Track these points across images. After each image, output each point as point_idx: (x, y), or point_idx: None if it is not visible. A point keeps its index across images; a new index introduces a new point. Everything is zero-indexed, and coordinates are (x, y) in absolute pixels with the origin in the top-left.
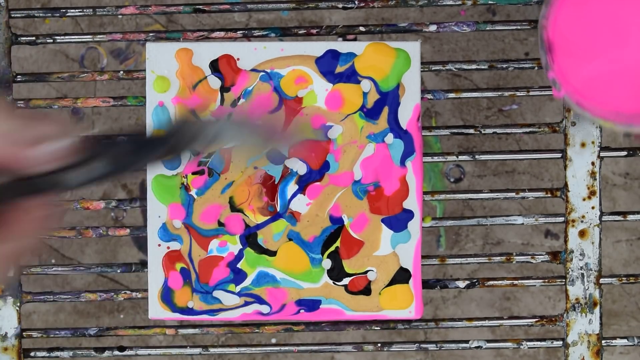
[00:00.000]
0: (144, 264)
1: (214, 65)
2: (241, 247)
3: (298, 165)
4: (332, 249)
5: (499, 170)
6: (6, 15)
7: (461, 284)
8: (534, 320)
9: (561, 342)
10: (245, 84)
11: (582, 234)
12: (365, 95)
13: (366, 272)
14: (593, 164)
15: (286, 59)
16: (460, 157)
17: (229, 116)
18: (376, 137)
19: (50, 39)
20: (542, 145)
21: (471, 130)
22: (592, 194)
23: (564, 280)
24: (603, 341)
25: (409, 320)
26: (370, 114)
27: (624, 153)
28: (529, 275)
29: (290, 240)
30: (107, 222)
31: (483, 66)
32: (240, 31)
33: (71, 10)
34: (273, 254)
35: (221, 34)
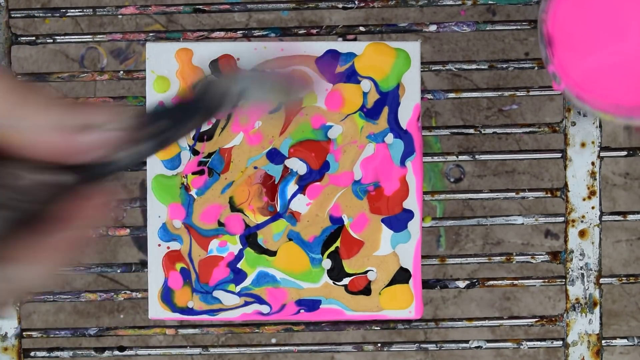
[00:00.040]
0: (144, 264)
1: (214, 65)
2: (241, 247)
3: (298, 165)
4: (332, 249)
5: (499, 170)
6: (6, 15)
7: (461, 284)
8: (534, 320)
9: (561, 342)
10: None
11: (582, 234)
12: (365, 95)
13: (366, 272)
14: (593, 164)
15: (286, 59)
16: (460, 157)
17: (250, 71)
18: (376, 137)
19: (50, 39)
20: (542, 145)
21: (471, 130)
22: (592, 194)
23: (564, 280)
24: (603, 341)
25: (409, 320)
26: (370, 114)
27: (624, 153)
28: (529, 275)
29: (290, 240)
30: (107, 222)
31: (483, 66)
32: (240, 31)
33: (71, 10)
34: (273, 254)
35: (221, 34)
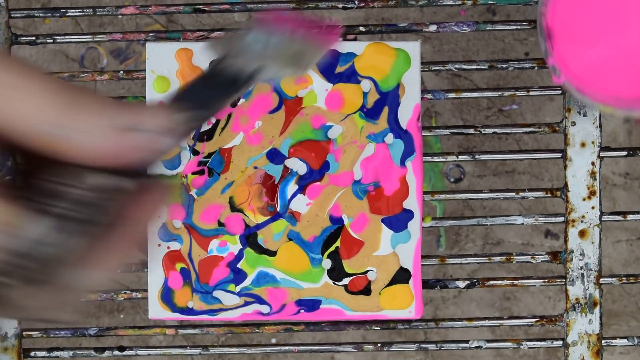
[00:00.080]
0: (144, 264)
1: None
2: (241, 247)
3: (298, 165)
4: (332, 249)
5: (499, 170)
6: (6, 15)
7: (461, 284)
8: (534, 320)
9: (561, 342)
10: None
11: (582, 234)
12: (365, 95)
13: (366, 272)
14: (593, 164)
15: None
16: (460, 157)
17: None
18: (376, 137)
19: (50, 39)
20: (542, 145)
21: (471, 130)
22: (592, 194)
23: (564, 280)
24: (603, 341)
25: (409, 320)
26: (370, 114)
27: (624, 153)
28: (529, 275)
29: (290, 240)
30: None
31: (483, 66)
32: None
33: (71, 10)
34: (273, 254)
35: (221, 34)
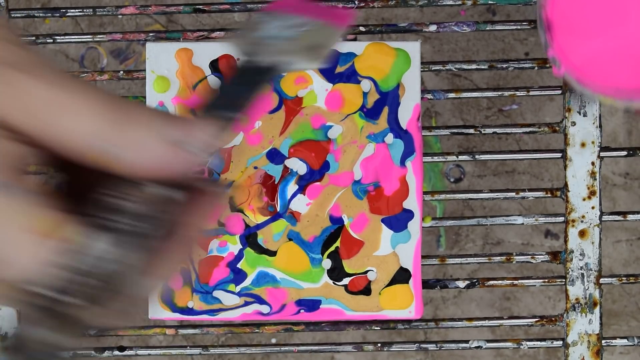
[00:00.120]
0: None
1: (214, 65)
2: (241, 247)
3: (298, 165)
4: (332, 249)
5: (499, 170)
6: (6, 15)
7: (461, 284)
8: (534, 320)
9: (561, 342)
10: None
11: (582, 234)
12: (365, 95)
13: (366, 272)
14: (593, 164)
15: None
16: (460, 157)
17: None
18: (376, 137)
19: (50, 39)
20: (542, 145)
21: (471, 130)
22: (592, 194)
23: (564, 280)
24: (603, 341)
25: (409, 320)
26: (370, 114)
27: (624, 153)
28: (529, 275)
29: (290, 240)
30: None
31: (483, 66)
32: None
33: (71, 10)
34: (273, 254)
35: (221, 34)
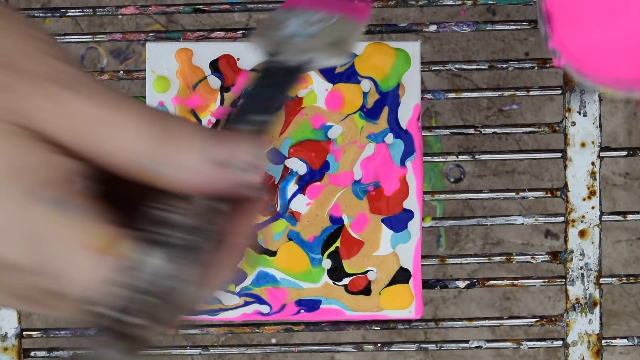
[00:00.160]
0: None
1: (214, 65)
2: None
3: (298, 165)
4: (332, 249)
5: (499, 170)
6: None
7: (461, 284)
8: (534, 320)
9: (561, 342)
10: (245, 84)
11: (582, 234)
12: (365, 95)
13: (366, 272)
14: (593, 164)
15: None
16: (460, 157)
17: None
18: (376, 137)
19: None
20: (542, 145)
21: (471, 130)
22: (592, 194)
23: (564, 280)
24: (603, 341)
25: (409, 320)
26: (370, 114)
27: (624, 153)
28: (529, 275)
29: (290, 240)
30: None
31: (483, 66)
32: (240, 31)
33: (71, 10)
34: (273, 254)
35: (221, 34)
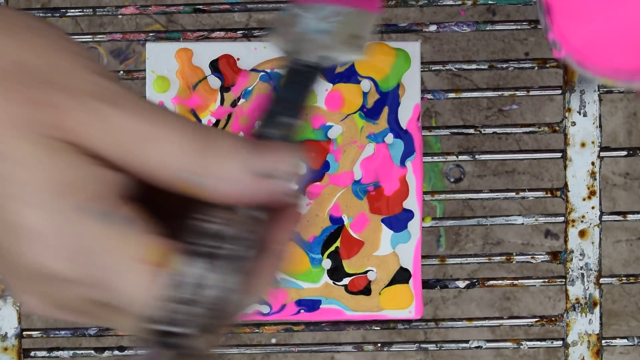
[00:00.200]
0: None
1: (214, 65)
2: None
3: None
4: (332, 249)
5: (499, 170)
6: None
7: (461, 284)
8: (534, 320)
9: (561, 342)
10: (245, 84)
11: (582, 234)
12: (365, 95)
13: (366, 272)
14: (593, 164)
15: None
16: (460, 157)
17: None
18: (376, 137)
19: None
20: (542, 145)
21: (471, 130)
22: (592, 194)
23: (564, 280)
24: (603, 341)
25: (409, 320)
26: (370, 114)
27: (624, 153)
28: (529, 275)
29: (290, 240)
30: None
31: (483, 66)
32: (240, 31)
33: (71, 10)
34: None
35: (221, 34)
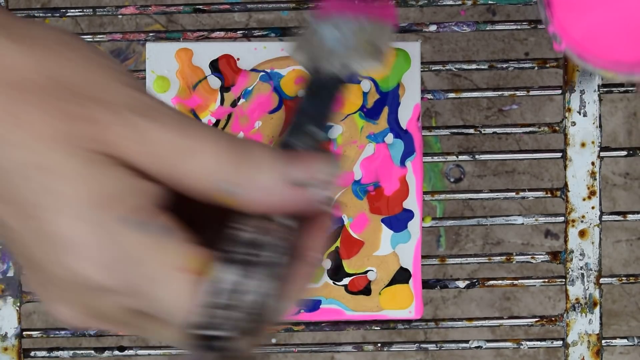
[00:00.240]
0: None
1: (214, 65)
2: None
3: None
4: (332, 249)
5: (499, 170)
6: None
7: (461, 284)
8: (534, 320)
9: (561, 342)
10: (245, 84)
11: (582, 234)
12: (365, 95)
13: (366, 272)
14: (593, 164)
15: (286, 59)
16: (460, 157)
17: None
18: (376, 137)
19: None
20: (542, 145)
21: (471, 130)
22: (592, 194)
23: (564, 280)
24: (603, 341)
25: (409, 320)
26: (370, 114)
27: (624, 153)
28: (529, 275)
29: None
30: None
31: (483, 66)
32: (240, 31)
33: (71, 10)
34: None
35: (221, 34)
